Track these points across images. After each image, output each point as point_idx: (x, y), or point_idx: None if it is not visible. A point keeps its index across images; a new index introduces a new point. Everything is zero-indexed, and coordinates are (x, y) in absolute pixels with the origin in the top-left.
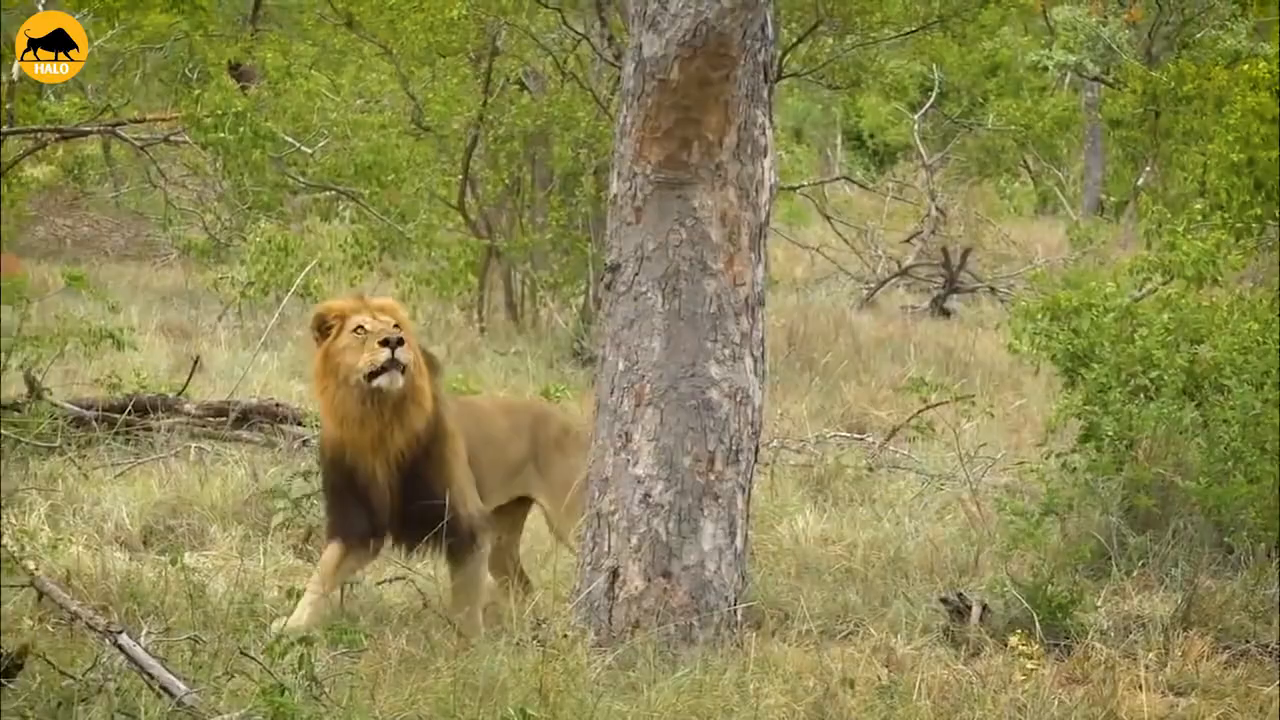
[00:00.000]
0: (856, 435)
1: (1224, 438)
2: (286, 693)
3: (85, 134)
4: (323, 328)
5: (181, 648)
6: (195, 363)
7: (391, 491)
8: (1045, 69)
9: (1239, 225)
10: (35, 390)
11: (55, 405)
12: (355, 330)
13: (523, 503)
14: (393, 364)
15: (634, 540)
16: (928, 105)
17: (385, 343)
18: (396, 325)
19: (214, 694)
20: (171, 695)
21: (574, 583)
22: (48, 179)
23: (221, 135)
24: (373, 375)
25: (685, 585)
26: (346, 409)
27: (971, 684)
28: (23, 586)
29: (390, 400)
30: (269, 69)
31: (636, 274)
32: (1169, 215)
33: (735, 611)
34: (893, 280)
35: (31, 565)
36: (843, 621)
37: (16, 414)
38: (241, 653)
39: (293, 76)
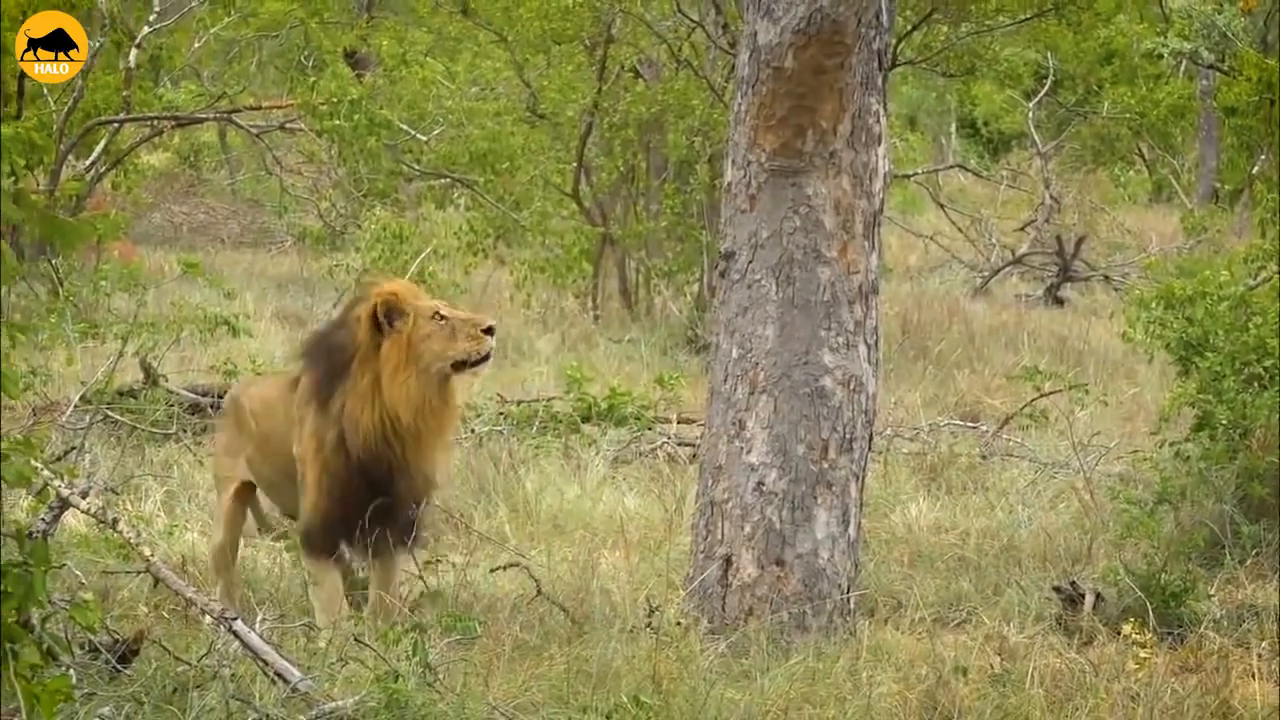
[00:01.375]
0: (970, 424)
1: None
2: (400, 679)
3: (201, 121)
4: (390, 316)
5: (296, 634)
6: None
7: (416, 481)
8: (1160, 56)
9: None
10: (151, 377)
11: (171, 392)
12: (433, 317)
13: None
14: (490, 353)
15: (747, 528)
16: (1042, 93)
17: (489, 331)
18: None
19: (328, 680)
20: (286, 681)
21: (687, 570)
22: (164, 166)
23: (337, 122)
24: (463, 364)
25: (798, 573)
26: (424, 397)
27: (1084, 673)
28: (139, 572)
29: (457, 387)
30: (384, 56)
31: (751, 262)
32: None
33: (848, 599)
34: (1006, 269)
35: (147, 551)
36: (955, 609)
37: (133, 400)
38: (356, 639)
39: (408, 64)
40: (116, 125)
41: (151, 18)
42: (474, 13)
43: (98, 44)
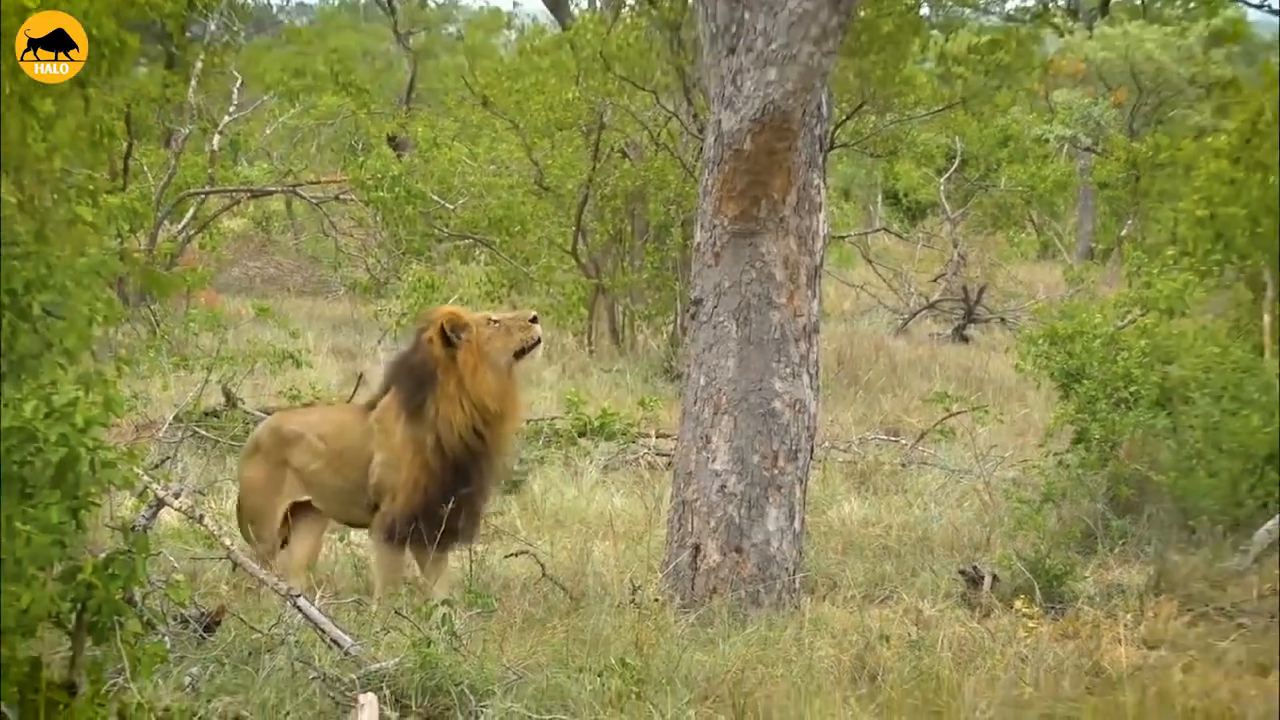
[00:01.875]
0: (892, 437)
1: (1189, 440)
2: (432, 645)
3: (271, 193)
4: (455, 330)
5: (348, 609)
6: (359, 378)
7: (496, 468)
8: (1047, 140)
9: (1203, 268)
10: (231, 400)
11: (247, 412)
12: (489, 323)
13: None
14: (540, 338)
15: (712, 522)
16: (951, 170)
17: (534, 320)
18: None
19: (374, 646)
20: (340, 647)
21: (663, 556)
22: (241, 229)
23: (381, 194)
24: (523, 351)
25: (754, 559)
26: (501, 385)
27: (984, 639)
28: (221, 559)
29: (515, 389)
30: (419, 140)
31: (715, 307)
32: (1146, 260)
33: (794, 580)
34: (922, 312)
35: (228, 541)
36: (880, 588)
37: (216, 419)
38: (396, 612)
39: (438, 146)
40: (203, 196)
41: (231, 109)
42: (492, 104)
43: (187, 130)
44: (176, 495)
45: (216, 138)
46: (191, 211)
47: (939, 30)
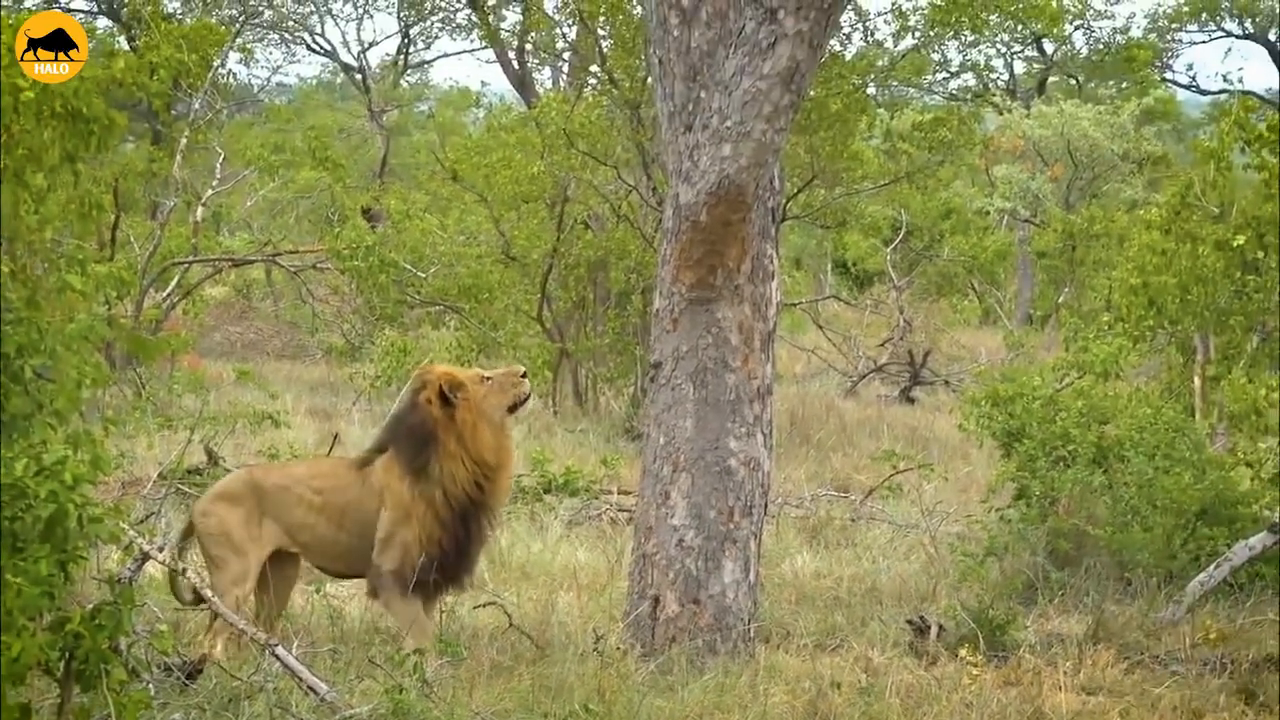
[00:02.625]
0: (843, 494)
1: (1125, 497)
2: (404, 692)
3: (252, 262)
4: (452, 390)
5: (324, 657)
6: (335, 438)
7: (495, 516)
8: (988, 213)
9: (1136, 334)
10: (213, 458)
11: (228, 470)
12: (483, 381)
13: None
14: (530, 392)
15: (671, 575)
16: (897, 240)
17: (524, 375)
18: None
19: (348, 693)
20: (316, 694)
21: (625, 607)
22: (223, 296)
23: (356, 263)
24: (515, 406)
25: (710, 610)
26: (498, 441)
27: (930, 686)
28: (202, 609)
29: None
30: (392, 212)
31: (674, 370)
32: (1083, 325)
33: (749, 630)
34: (870, 375)
35: (209, 593)
36: (831, 637)
37: (199, 476)
38: (370, 661)
39: (410, 218)
40: (186, 265)
41: (214, 183)
42: (461, 178)
43: (172, 203)
44: (160, 549)
45: (200, 210)
46: (176, 280)
47: (885, 109)
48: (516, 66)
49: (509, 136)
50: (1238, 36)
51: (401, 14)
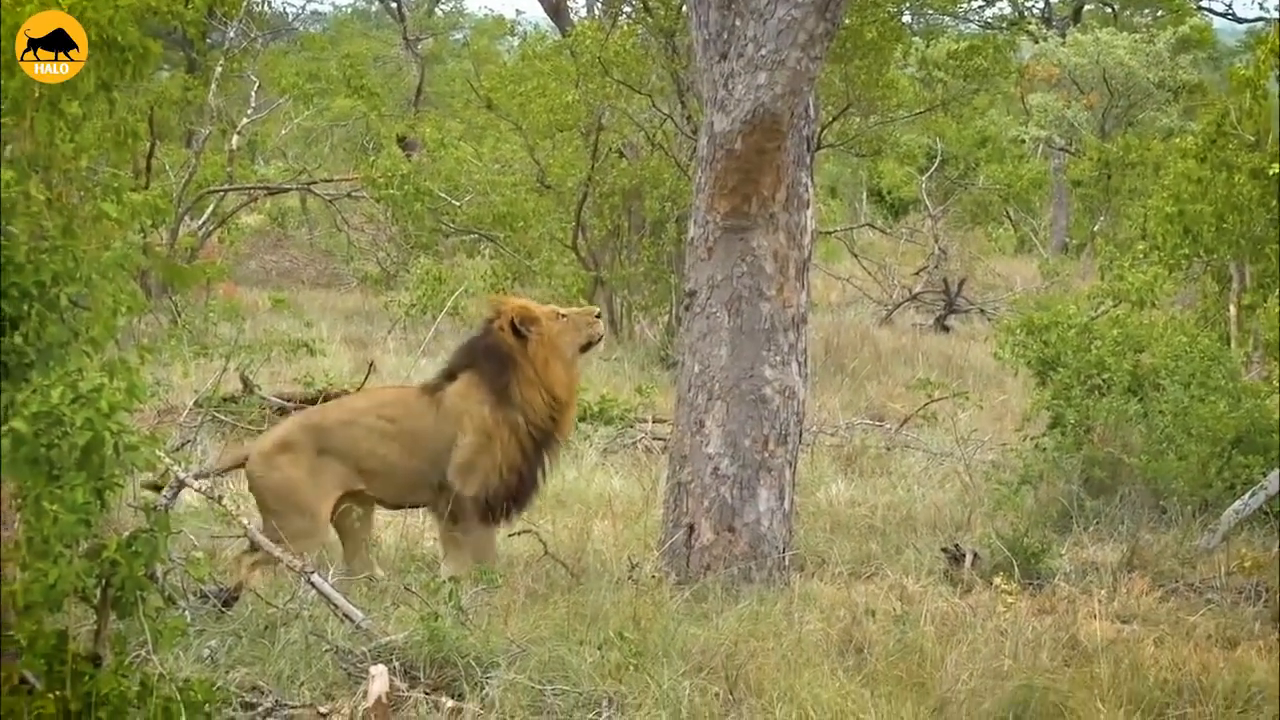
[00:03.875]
0: (877, 422)
1: (1160, 425)
2: (439, 619)
3: (287, 190)
4: (525, 324)
5: (359, 585)
6: (370, 366)
7: (561, 448)
8: (1023, 141)
9: (1171, 262)
10: (248, 386)
11: (263, 398)
12: (558, 318)
13: None
14: (602, 334)
15: (706, 503)
16: (932, 169)
17: (598, 316)
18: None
19: (384, 620)
20: (351, 621)
21: (660, 535)
22: (258, 225)
23: (391, 192)
24: (588, 345)
25: (745, 538)
26: (568, 377)
27: (965, 614)
28: (238, 537)
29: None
30: (427, 141)
31: (709, 299)
32: (1118, 254)
33: (784, 558)
34: (905, 304)
35: (245, 521)
36: (866, 566)
37: (234, 405)
38: (405, 588)
39: (445, 146)
40: (222, 194)
41: (249, 111)
42: (496, 107)
43: (207, 131)
44: (197, 477)
45: (235, 138)
46: (211, 208)
47: (920, 37)
48: None
49: (544, 65)
50: None
51: None
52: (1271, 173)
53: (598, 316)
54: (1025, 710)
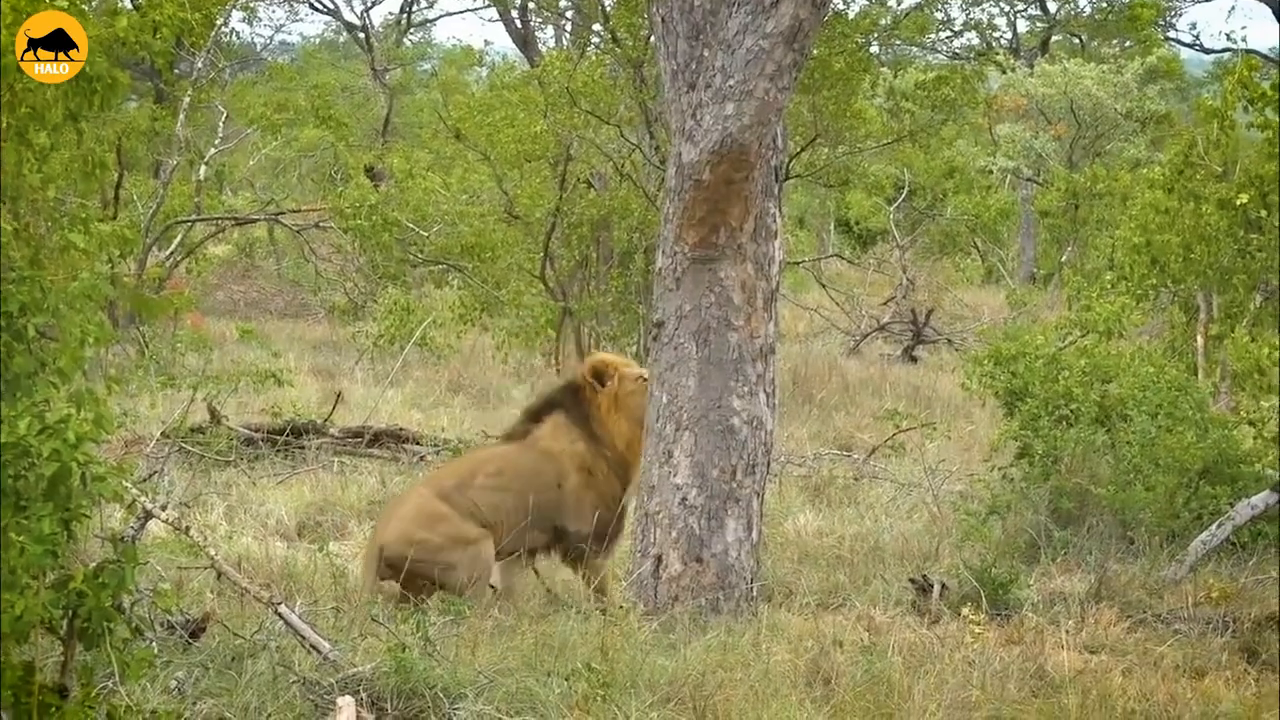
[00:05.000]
0: (845, 453)
1: (1127, 455)
2: (407, 650)
3: (255, 221)
4: (600, 376)
5: (326, 616)
6: (338, 397)
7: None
8: (991, 172)
9: (1139, 292)
10: (215, 417)
11: (231, 429)
12: (636, 380)
13: None
14: None
15: (674, 533)
16: (900, 199)
17: None
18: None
19: (351, 651)
20: (319, 652)
21: (628, 566)
22: (226, 255)
23: (359, 222)
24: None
25: (713, 568)
26: (633, 435)
27: (933, 644)
28: (206, 568)
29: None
30: (395, 171)
31: (676, 329)
32: (1085, 284)
33: (752, 589)
34: (873, 334)
35: (212, 552)
36: (834, 596)
37: (201, 435)
38: (372, 619)
39: (413, 177)
40: (189, 224)
41: (217, 142)
42: (464, 137)
43: (175, 162)
44: (163, 508)
45: (203, 169)
46: (179, 238)
47: (888, 68)
48: (519, 25)
49: (512, 95)
50: None
51: None
52: (1238, 203)
53: None
54: None
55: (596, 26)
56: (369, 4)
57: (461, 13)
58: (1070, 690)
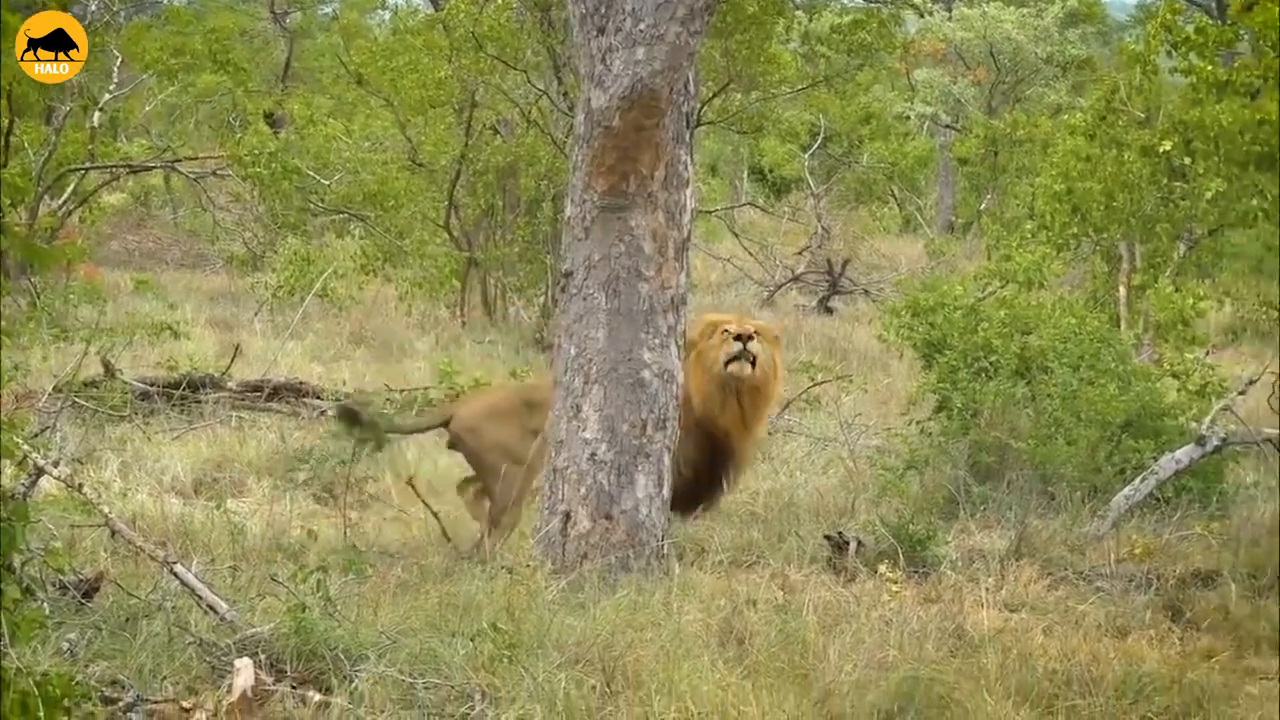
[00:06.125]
0: None
1: (1048, 409)
2: (307, 610)
3: (150, 168)
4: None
5: (224, 575)
6: (236, 350)
7: (738, 468)
8: (908, 118)
9: (1060, 242)
10: (110, 371)
11: (126, 383)
12: (723, 332)
13: None
14: (743, 354)
15: (583, 490)
16: (815, 146)
17: (739, 337)
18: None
19: (249, 611)
20: (216, 612)
21: (535, 523)
22: (121, 204)
23: (258, 170)
24: (727, 363)
25: (623, 525)
26: (713, 396)
27: (849, 603)
28: (99, 526)
29: (745, 386)
30: (296, 117)
31: (585, 279)
32: (1005, 234)
33: (662, 546)
34: (787, 284)
35: (106, 509)
36: (747, 554)
37: (95, 390)
38: (271, 579)
39: (314, 123)
40: (83, 172)
41: (111, 87)
42: (366, 82)
43: (68, 108)
44: (56, 464)
45: (96, 115)
46: (72, 187)
47: (803, 11)
48: None
49: (415, 40)
50: None
51: None
52: (1161, 150)
53: (738, 338)
54: (910, 702)
55: None
56: None
57: None
58: (990, 649)
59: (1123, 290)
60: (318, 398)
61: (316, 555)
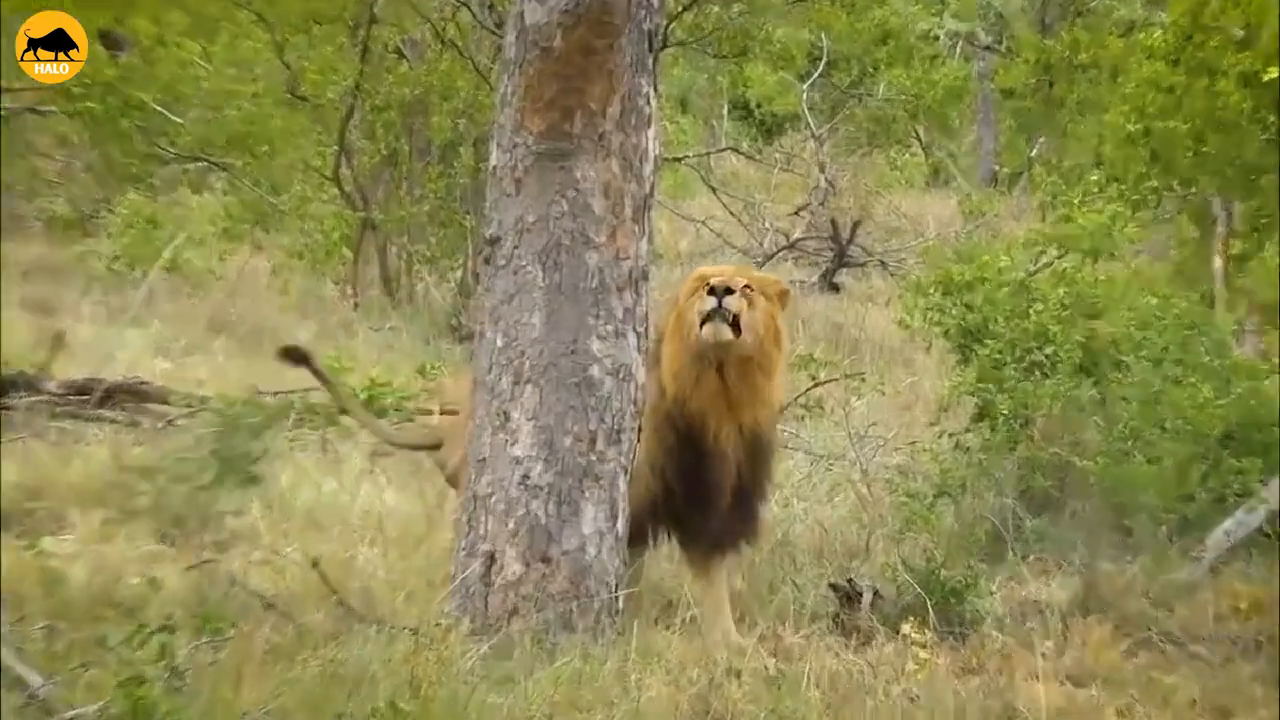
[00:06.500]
0: None
1: (1122, 416)
2: (145, 684)
3: None
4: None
5: (36, 638)
6: (58, 339)
7: (738, 468)
8: (936, 38)
9: (1135, 198)
10: None
11: None
12: (706, 286)
13: None
14: (717, 312)
15: (511, 523)
16: (816, 74)
17: (712, 290)
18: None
19: (69, 686)
20: (26, 688)
21: (448, 567)
22: None
23: (90, 105)
24: (702, 324)
25: (565, 570)
26: (680, 367)
27: (863, 674)
28: None
29: (728, 356)
30: (140, 36)
31: (516, 247)
32: (1064, 187)
33: (616, 598)
34: (780, 254)
35: None
36: (730, 608)
37: None
38: (99, 643)
39: (165, 44)
40: None
41: None
42: None
43: None
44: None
45: None
46: None
47: None
48: None
49: None
50: None
51: None
52: (1267, 78)
53: (711, 291)
54: None
55: None
56: None
57: None
58: None
59: (1218, 261)
60: (165, 403)
61: (159, 611)
